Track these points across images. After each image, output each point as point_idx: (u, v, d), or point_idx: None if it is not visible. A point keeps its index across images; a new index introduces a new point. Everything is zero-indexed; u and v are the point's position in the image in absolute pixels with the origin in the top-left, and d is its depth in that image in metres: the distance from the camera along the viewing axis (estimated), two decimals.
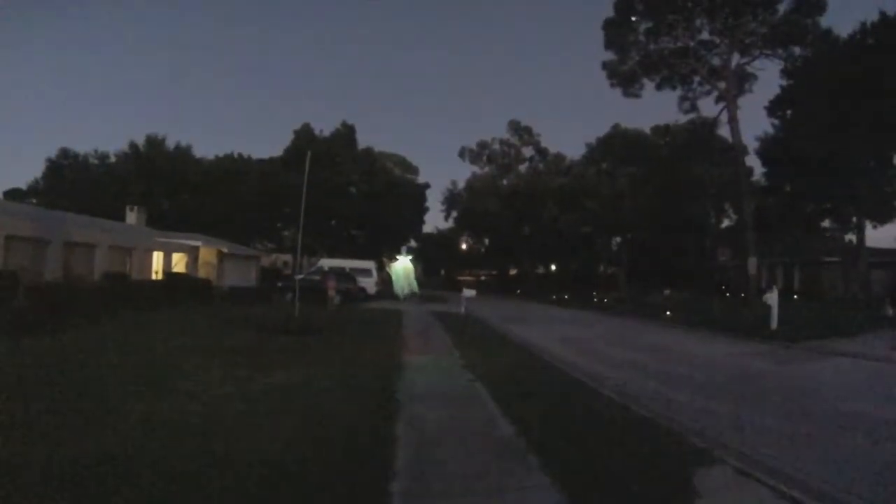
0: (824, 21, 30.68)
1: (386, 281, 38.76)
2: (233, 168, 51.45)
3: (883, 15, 27.36)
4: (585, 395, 8.28)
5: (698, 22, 32.89)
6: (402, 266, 36.23)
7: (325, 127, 53.26)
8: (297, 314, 15.10)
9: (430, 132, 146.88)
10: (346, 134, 52.47)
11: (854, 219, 32.02)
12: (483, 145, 64.28)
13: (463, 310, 23.11)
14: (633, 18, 33.19)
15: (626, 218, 39.59)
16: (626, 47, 34.69)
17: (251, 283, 33.28)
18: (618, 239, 51.43)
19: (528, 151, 63.92)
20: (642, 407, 7.50)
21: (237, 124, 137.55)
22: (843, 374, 11.63)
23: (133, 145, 49.88)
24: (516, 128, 63.13)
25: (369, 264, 35.56)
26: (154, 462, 4.21)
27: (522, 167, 63.84)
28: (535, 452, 5.14)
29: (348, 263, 33.99)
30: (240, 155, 55.59)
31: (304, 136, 50.32)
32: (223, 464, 4.27)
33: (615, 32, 34.49)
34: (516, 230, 57.91)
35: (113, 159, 51.23)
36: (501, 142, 63.82)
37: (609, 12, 33.86)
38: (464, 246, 72.87)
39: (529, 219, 55.37)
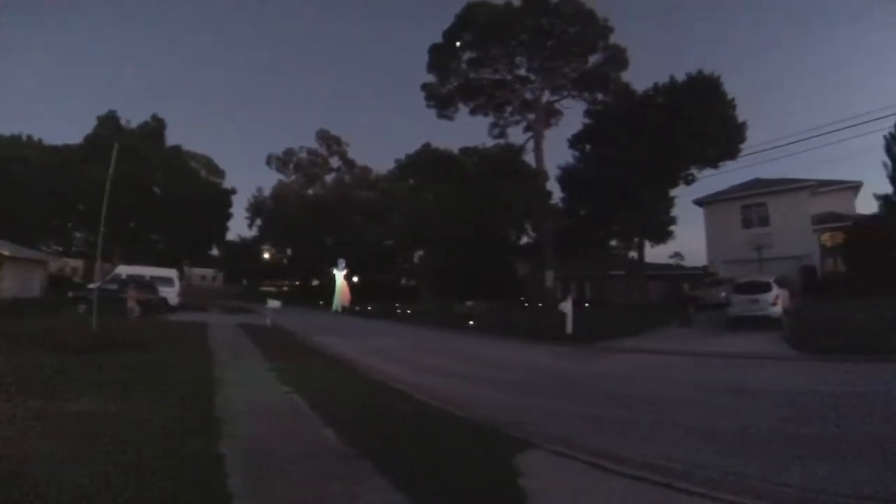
0: (626, 76, 36.11)
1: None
2: (17, 153, 43.09)
3: (672, 79, 32.13)
4: (402, 400, 8.37)
5: (519, 59, 36.46)
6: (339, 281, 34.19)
7: (132, 118, 47.52)
8: (94, 329, 13.52)
9: (239, 136, 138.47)
10: (156, 128, 47.68)
11: (636, 239, 37.24)
12: (290, 153, 63.40)
13: (269, 321, 22.51)
14: (458, 44, 35.56)
15: (431, 233, 41.31)
16: (447, 72, 37.06)
17: (35, 292, 29.00)
18: (421, 252, 53.36)
19: (335, 162, 64.02)
20: (458, 407, 7.84)
21: (29, 103, 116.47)
22: (632, 366, 13.21)
23: None
24: (325, 137, 63.01)
25: (171, 272, 32.67)
26: None
27: (329, 177, 63.79)
28: (366, 457, 5.17)
29: (148, 271, 31.11)
30: (29, 137, 46.98)
31: (109, 125, 44.45)
32: None
33: (440, 57, 36.65)
34: (321, 240, 57.30)
35: None
36: (309, 151, 63.41)
37: (434, 38, 36.07)
38: (267, 255, 69.78)
39: (334, 229, 55.16)
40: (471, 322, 23.89)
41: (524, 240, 51.55)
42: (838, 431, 6.42)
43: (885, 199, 45.82)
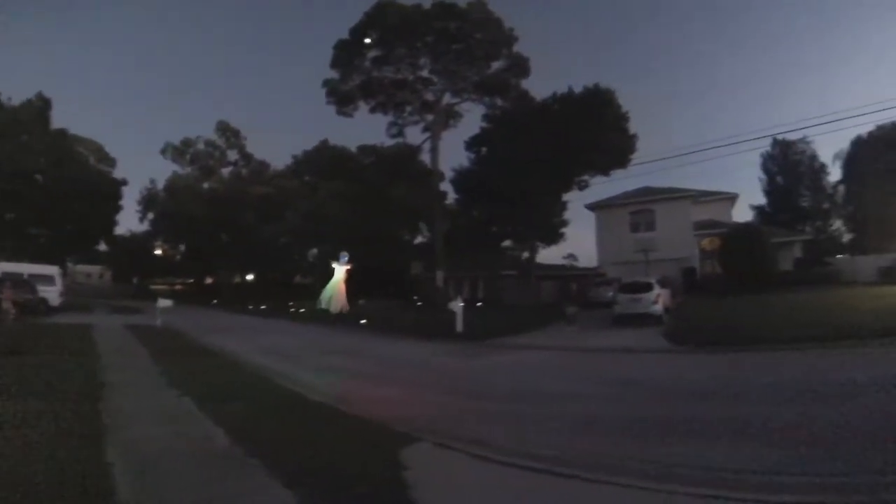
0: (528, 84, 37.11)
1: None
2: None
3: (570, 90, 33.60)
4: (294, 399, 8.46)
5: (423, 61, 36.55)
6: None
7: (13, 95, 41.93)
8: None
9: (133, 124, 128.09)
10: (40, 108, 42.96)
11: (529, 241, 38.15)
12: (187, 143, 59.39)
13: (159, 322, 21.55)
14: (367, 41, 35.18)
15: (326, 230, 40.53)
16: (351, 69, 36.60)
17: None
18: (315, 250, 52.10)
19: (233, 155, 61.18)
20: (347, 404, 7.98)
21: None
22: (519, 362, 13.68)
23: None
24: (224, 129, 60.05)
25: (52, 270, 29.59)
26: None
27: (226, 171, 60.86)
28: (255, 456, 5.19)
29: (27, 268, 28.33)
30: None
31: None
32: None
33: (345, 54, 36.18)
34: (215, 237, 54.68)
35: None
36: (207, 142, 59.89)
37: (339, 34, 35.69)
38: (159, 252, 65.09)
39: (229, 225, 52.79)
40: (363, 321, 23.68)
41: (419, 239, 51.68)
42: (704, 415, 6.91)
43: (758, 210, 50.34)
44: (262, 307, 36.70)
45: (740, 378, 9.42)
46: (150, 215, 60.57)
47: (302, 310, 30.47)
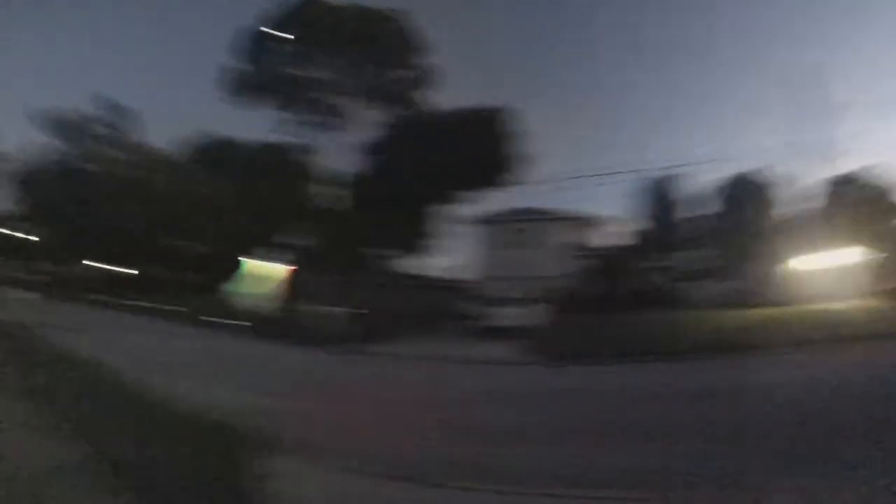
0: (434, 96, 37.47)
1: None
2: None
3: (466, 105, 35.17)
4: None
5: (329, 60, 36.42)
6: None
7: None
8: None
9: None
10: None
11: (406, 250, 38.83)
12: (60, 113, 51.74)
13: None
14: (280, 34, 34.81)
15: (196, 225, 38.42)
16: (258, 60, 36.07)
17: None
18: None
19: (103, 130, 53.42)
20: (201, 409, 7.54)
21: None
22: (389, 371, 14.31)
23: None
24: (103, 103, 52.96)
25: None
26: None
27: (98, 148, 52.98)
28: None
29: None
30: None
31: None
32: None
33: (255, 43, 35.68)
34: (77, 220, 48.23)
35: None
36: (82, 114, 51.97)
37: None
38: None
39: (91, 208, 45.63)
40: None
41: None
42: (555, 423, 7.37)
43: (634, 235, 54.00)
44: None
45: (609, 390, 10.45)
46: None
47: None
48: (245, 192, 36.75)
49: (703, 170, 55.63)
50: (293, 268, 15.69)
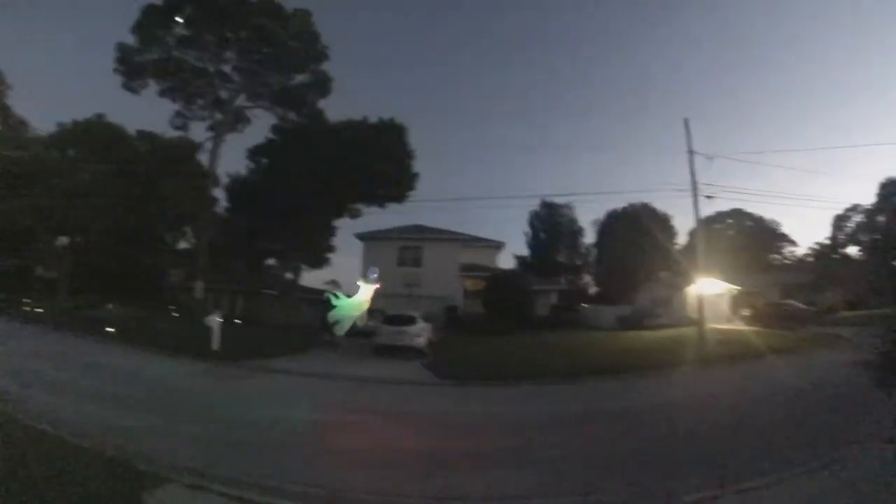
0: (327, 104, 36.43)
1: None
2: None
3: (364, 118, 34.69)
4: (13, 427, 6.93)
5: (229, 54, 33.97)
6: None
7: None
8: None
9: None
10: None
11: (293, 261, 37.74)
12: None
13: None
14: (178, 19, 32.30)
15: (81, 218, 34.69)
16: (152, 40, 32.68)
17: None
18: (65, 239, 44.13)
19: None
20: (84, 437, 6.81)
21: None
22: (275, 388, 13.46)
23: None
24: None
25: None
26: None
27: None
28: None
29: None
30: None
31: None
32: None
33: (151, 20, 32.26)
34: None
35: None
36: None
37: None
38: None
39: None
40: (110, 329, 20.98)
41: (183, 244, 46.97)
42: (437, 445, 7.99)
43: (521, 260, 56.51)
44: None
45: (497, 412, 10.75)
46: None
47: (39, 310, 25.48)
48: (132, 188, 33.72)
49: (589, 200, 59.32)
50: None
